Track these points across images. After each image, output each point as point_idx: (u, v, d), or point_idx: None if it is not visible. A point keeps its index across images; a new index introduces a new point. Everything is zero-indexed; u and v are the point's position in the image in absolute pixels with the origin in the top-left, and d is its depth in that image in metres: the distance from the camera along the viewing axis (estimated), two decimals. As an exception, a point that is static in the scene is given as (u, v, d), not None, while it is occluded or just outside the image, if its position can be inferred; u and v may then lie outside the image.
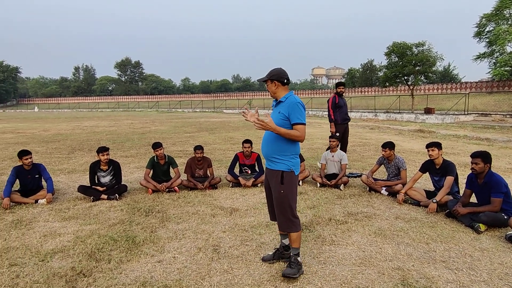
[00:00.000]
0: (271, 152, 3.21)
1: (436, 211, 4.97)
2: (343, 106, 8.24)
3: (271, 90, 3.25)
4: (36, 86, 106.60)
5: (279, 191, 3.19)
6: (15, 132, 19.47)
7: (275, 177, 3.20)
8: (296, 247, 3.29)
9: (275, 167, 3.21)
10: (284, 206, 3.21)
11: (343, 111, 8.22)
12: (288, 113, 3.13)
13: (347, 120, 8.35)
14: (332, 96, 8.26)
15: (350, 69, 64.03)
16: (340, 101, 8.16)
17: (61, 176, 7.70)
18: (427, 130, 17.01)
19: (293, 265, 3.25)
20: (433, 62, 29.26)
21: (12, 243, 4.10)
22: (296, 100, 3.16)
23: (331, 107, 8.17)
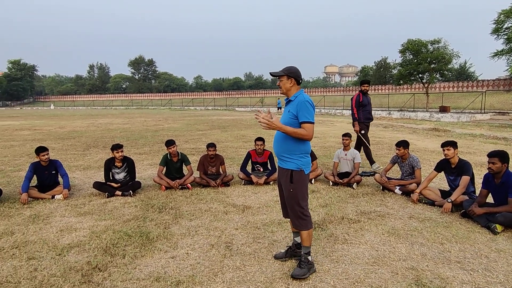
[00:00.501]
0: (281, 150, 3.22)
1: (451, 211, 4.89)
2: (367, 104, 7.97)
3: (286, 87, 3.19)
4: (52, 84, 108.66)
5: (288, 190, 3.21)
6: (32, 129, 19.90)
7: (285, 175, 3.22)
8: (307, 246, 3.28)
9: (285, 165, 3.23)
10: (293, 204, 3.22)
11: (366, 109, 7.98)
12: (297, 112, 3.10)
13: (370, 119, 8.11)
14: (356, 94, 8.02)
15: (363, 67, 63.29)
16: (364, 99, 7.90)
17: (76, 173, 7.84)
18: (442, 128, 16.73)
19: (303, 265, 3.24)
20: (448, 60, 28.71)
21: (30, 237, 4.20)
22: (305, 98, 3.11)
23: (354, 105, 7.92)
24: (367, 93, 8.01)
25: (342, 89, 63.40)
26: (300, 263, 3.27)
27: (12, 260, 3.59)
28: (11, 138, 15.15)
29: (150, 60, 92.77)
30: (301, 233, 3.28)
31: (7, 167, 8.50)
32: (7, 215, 5.00)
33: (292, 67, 3.23)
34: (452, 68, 32.32)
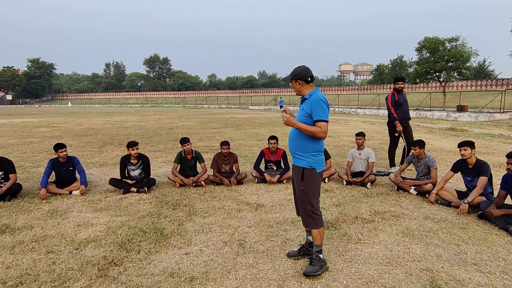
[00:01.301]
0: (294, 148, 3.27)
1: (468, 212, 4.81)
2: (403, 103, 7.49)
3: (296, 88, 3.27)
4: (69, 82, 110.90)
5: (300, 187, 3.25)
6: (50, 126, 20.36)
7: (297, 173, 3.26)
8: (318, 244, 3.28)
9: (297, 163, 3.27)
10: (304, 202, 3.25)
11: (403, 109, 7.47)
12: (311, 110, 3.12)
13: (407, 119, 7.59)
14: (391, 93, 7.56)
15: (378, 65, 62.53)
16: (399, 97, 7.44)
17: (93, 169, 8.00)
18: (459, 128, 16.41)
19: (315, 263, 3.25)
20: (467, 58, 28.05)
21: (48, 231, 4.31)
22: (319, 97, 3.12)
23: (391, 105, 7.46)
24: (402, 91, 7.58)
25: (356, 87, 62.74)
26: (311, 261, 3.28)
27: (31, 253, 3.69)
28: (30, 135, 15.53)
29: (165, 58, 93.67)
30: (312, 231, 3.29)
31: (26, 163, 8.72)
32: (27, 209, 5.14)
33: (298, 68, 3.26)
34: (471, 66, 31.53)
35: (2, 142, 12.64)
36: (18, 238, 4.09)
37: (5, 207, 5.22)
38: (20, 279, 3.16)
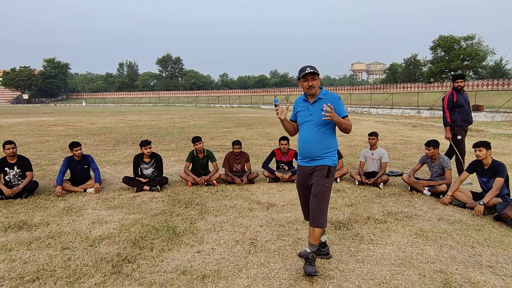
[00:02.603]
0: (319, 150, 3.24)
1: (483, 213, 4.72)
2: (464, 104, 6.55)
3: (316, 84, 3.21)
4: (84, 82, 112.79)
5: (324, 185, 3.23)
6: (65, 125, 20.73)
7: (320, 171, 3.23)
8: (317, 244, 3.30)
9: (321, 162, 3.25)
10: (325, 199, 3.25)
11: (464, 111, 6.53)
12: (333, 108, 3.13)
13: (469, 122, 6.63)
14: (449, 92, 6.65)
15: (392, 64, 61.86)
16: (459, 98, 6.52)
17: (107, 167, 8.12)
18: (475, 128, 16.10)
19: (313, 262, 3.22)
20: (483, 57, 27.63)
21: (64, 228, 4.40)
22: (335, 95, 3.31)
23: (446, 106, 6.58)
24: (462, 91, 6.64)
25: (369, 87, 62.15)
26: (311, 261, 3.21)
27: (48, 249, 3.77)
28: (46, 133, 15.85)
29: (177, 58, 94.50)
30: (318, 230, 3.24)
31: (42, 161, 8.91)
32: (43, 206, 5.25)
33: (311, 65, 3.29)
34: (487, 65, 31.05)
35: (19, 140, 12.94)
36: (34, 235, 4.18)
37: (22, 204, 5.35)
38: (36, 274, 3.24)
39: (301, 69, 3.24)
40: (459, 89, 6.60)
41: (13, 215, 4.88)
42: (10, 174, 5.80)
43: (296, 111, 3.44)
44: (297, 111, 3.42)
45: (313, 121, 3.25)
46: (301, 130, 3.37)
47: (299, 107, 3.41)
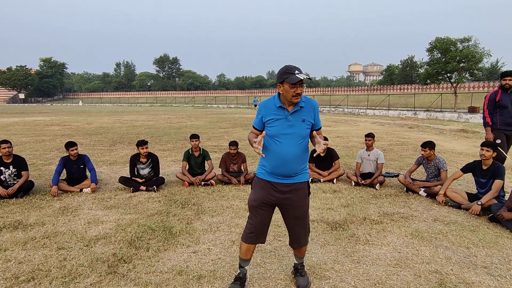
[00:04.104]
0: (299, 166, 2.79)
1: (478, 214, 4.75)
2: (509, 105, 5.83)
3: (301, 92, 2.64)
4: (80, 81, 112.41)
5: (307, 205, 2.90)
6: (61, 124, 20.64)
7: (300, 190, 2.82)
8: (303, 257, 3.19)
9: (300, 179, 2.83)
10: (308, 219, 2.97)
11: (507, 112, 5.85)
12: (313, 118, 2.80)
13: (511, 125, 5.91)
14: (493, 91, 6.02)
15: (388, 66, 62.05)
16: (503, 98, 5.85)
17: (103, 167, 8.09)
18: (470, 130, 16.20)
19: (305, 274, 3.15)
20: (479, 59, 27.67)
21: (59, 228, 4.38)
22: (315, 102, 2.87)
23: (486, 106, 5.97)
24: (510, 90, 5.89)
25: (366, 88, 62.35)
26: (302, 273, 3.14)
27: (43, 249, 3.76)
28: (42, 133, 15.77)
29: (174, 58, 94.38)
30: (303, 248, 3.06)
31: (38, 161, 8.86)
32: (38, 206, 5.23)
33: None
34: (483, 67, 31.12)
35: (15, 140, 12.86)
36: (30, 234, 4.16)
37: (18, 204, 5.32)
38: (32, 274, 3.22)
39: (286, 71, 2.62)
40: (506, 88, 5.87)
41: (8, 215, 4.86)
42: (5, 174, 5.77)
43: (266, 119, 2.76)
44: (268, 119, 2.75)
45: (294, 134, 2.72)
46: (275, 144, 2.73)
47: (270, 115, 2.74)
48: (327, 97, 49.85)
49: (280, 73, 2.66)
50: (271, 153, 2.76)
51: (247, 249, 2.96)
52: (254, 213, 2.85)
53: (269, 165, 2.80)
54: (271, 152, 2.76)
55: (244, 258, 3.00)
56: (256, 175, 2.93)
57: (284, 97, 2.69)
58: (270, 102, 2.78)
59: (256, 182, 2.90)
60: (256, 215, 2.84)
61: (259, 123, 2.82)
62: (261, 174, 2.87)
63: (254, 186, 2.91)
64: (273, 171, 2.79)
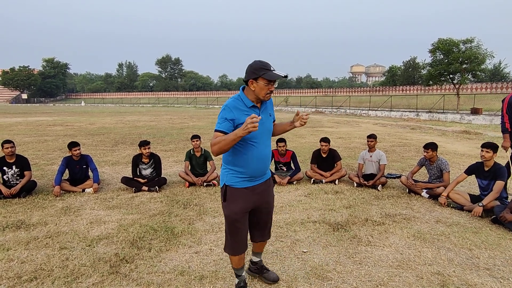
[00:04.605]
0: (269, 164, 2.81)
1: (481, 216, 4.73)
2: None
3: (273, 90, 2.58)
4: (83, 82, 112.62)
5: (273, 197, 2.94)
6: (64, 125, 20.70)
7: (270, 186, 2.86)
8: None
9: (268, 175, 2.85)
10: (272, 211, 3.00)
11: None
12: (272, 110, 2.82)
13: None
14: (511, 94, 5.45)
15: (391, 67, 61.93)
16: None
17: (105, 167, 8.11)
18: (473, 131, 16.15)
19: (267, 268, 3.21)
20: (482, 60, 27.58)
21: (62, 228, 4.40)
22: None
23: (506, 110, 5.39)
24: None
25: (368, 89, 62.26)
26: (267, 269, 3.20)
27: (45, 249, 3.77)
28: (45, 133, 15.82)
29: (176, 59, 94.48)
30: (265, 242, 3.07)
31: (41, 161, 8.89)
32: (41, 206, 5.25)
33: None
34: (486, 68, 31.01)
35: (18, 140, 12.91)
36: (32, 234, 4.18)
37: (20, 204, 5.34)
38: (34, 274, 3.24)
39: (262, 67, 2.48)
40: None
41: (11, 214, 4.88)
42: (8, 174, 5.80)
43: (240, 121, 2.48)
44: (242, 123, 2.44)
45: (266, 131, 2.67)
46: (252, 146, 2.58)
47: (243, 117, 2.48)
48: (329, 98, 49.80)
49: (254, 68, 2.48)
50: (249, 157, 2.58)
51: (240, 258, 2.86)
52: (236, 226, 2.68)
53: (249, 170, 2.62)
54: (249, 156, 2.58)
55: (238, 267, 2.94)
56: (229, 186, 2.64)
57: (255, 95, 2.55)
58: (238, 103, 2.55)
59: (232, 193, 2.64)
60: (239, 227, 2.69)
61: (229, 127, 2.47)
62: (237, 183, 2.64)
63: (230, 198, 2.64)
64: (253, 175, 2.65)
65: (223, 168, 2.72)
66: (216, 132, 2.47)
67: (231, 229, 2.72)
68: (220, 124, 2.48)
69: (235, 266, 2.93)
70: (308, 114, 2.68)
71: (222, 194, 2.67)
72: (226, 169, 2.68)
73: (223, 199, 2.67)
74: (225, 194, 2.65)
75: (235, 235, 2.73)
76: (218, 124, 2.49)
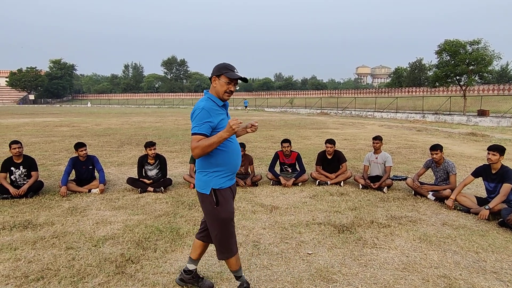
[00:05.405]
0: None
1: (488, 219, 4.69)
2: None
3: (233, 91, 2.71)
4: (89, 83, 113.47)
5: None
6: (70, 125, 20.86)
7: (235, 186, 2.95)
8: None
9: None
10: None
11: None
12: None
13: None
14: None
15: (397, 68, 61.68)
16: None
17: (111, 168, 8.16)
18: (480, 133, 16.01)
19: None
20: (489, 61, 27.37)
21: (68, 228, 4.43)
22: None
23: None
24: None
25: (374, 90, 62.06)
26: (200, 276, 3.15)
27: (52, 249, 3.80)
28: (52, 134, 15.95)
29: (182, 60, 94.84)
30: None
31: (47, 161, 8.97)
32: (48, 206, 5.29)
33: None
34: (493, 70, 30.83)
35: (25, 140, 13.03)
36: (39, 234, 4.21)
37: (28, 204, 5.39)
38: (41, 274, 3.26)
39: (226, 66, 2.64)
40: None
41: (18, 214, 4.92)
42: (16, 174, 5.85)
43: (217, 121, 2.61)
44: (218, 122, 2.62)
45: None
46: (229, 143, 2.68)
47: (218, 116, 2.63)
48: (335, 99, 49.69)
49: (219, 67, 2.64)
50: (231, 152, 2.69)
51: (237, 258, 2.85)
52: (232, 225, 2.76)
53: (231, 166, 2.71)
54: (230, 152, 2.69)
55: (237, 268, 2.89)
56: (216, 190, 2.66)
57: (216, 93, 2.65)
58: (212, 104, 2.63)
59: (222, 195, 2.68)
60: (233, 225, 2.77)
61: (209, 129, 2.55)
62: (224, 184, 2.69)
63: (223, 200, 2.67)
64: (233, 170, 2.75)
65: (203, 175, 2.68)
66: (195, 136, 2.53)
67: (228, 231, 2.73)
68: (199, 127, 2.53)
69: (235, 268, 2.88)
70: (257, 122, 2.73)
71: (212, 200, 2.64)
72: (210, 173, 2.67)
73: (216, 204, 2.65)
74: (216, 198, 2.65)
75: (231, 236, 2.76)
76: (197, 127, 2.54)
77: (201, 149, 2.47)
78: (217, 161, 2.65)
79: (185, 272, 3.08)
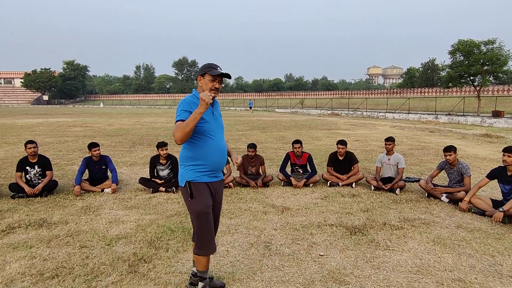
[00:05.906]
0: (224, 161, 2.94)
1: (502, 221, 4.60)
2: None
3: (219, 88, 2.79)
4: (101, 84, 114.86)
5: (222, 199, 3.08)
6: (83, 126, 21.16)
7: (222, 186, 3.04)
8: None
9: (222, 176, 3.02)
10: None
11: None
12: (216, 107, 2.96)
13: None
14: None
15: (409, 69, 61.01)
16: None
17: (123, 168, 8.25)
18: (494, 134, 15.72)
19: None
20: (504, 61, 26.82)
21: (82, 226, 4.49)
22: None
23: None
24: None
25: (385, 91, 61.48)
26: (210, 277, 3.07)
27: (66, 247, 3.86)
28: (65, 134, 16.21)
29: (193, 61, 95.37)
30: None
31: (61, 161, 9.12)
32: (62, 205, 5.37)
33: None
34: (508, 70, 30.17)
35: (40, 140, 13.26)
36: (54, 232, 4.28)
37: (42, 203, 5.48)
38: (56, 272, 3.32)
39: (210, 65, 2.75)
40: None
41: (33, 213, 5.01)
42: (31, 173, 5.96)
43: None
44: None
45: (221, 127, 2.91)
46: (210, 139, 2.74)
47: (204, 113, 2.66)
48: (346, 100, 49.34)
49: (203, 66, 2.77)
50: (209, 149, 2.74)
51: (209, 258, 2.90)
52: (209, 218, 2.77)
53: (210, 163, 2.76)
54: (209, 149, 2.74)
55: (206, 269, 2.90)
56: (192, 182, 2.73)
57: (203, 91, 2.70)
58: (194, 99, 2.72)
59: (197, 188, 2.72)
60: (209, 219, 2.77)
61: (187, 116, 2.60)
62: (199, 178, 2.74)
63: (197, 192, 2.72)
64: (213, 168, 2.80)
65: (182, 167, 2.79)
66: (176, 123, 2.63)
67: (205, 225, 2.76)
68: (179, 115, 2.64)
69: (203, 268, 2.88)
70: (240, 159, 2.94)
71: (187, 192, 2.74)
72: (186, 166, 2.77)
73: (190, 197, 2.73)
74: (190, 191, 2.73)
75: (209, 231, 2.79)
76: (178, 115, 2.65)
77: (180, 131, 2.51)
78: (194, 155, 2.74)
79: (194, 276, 3.05)
